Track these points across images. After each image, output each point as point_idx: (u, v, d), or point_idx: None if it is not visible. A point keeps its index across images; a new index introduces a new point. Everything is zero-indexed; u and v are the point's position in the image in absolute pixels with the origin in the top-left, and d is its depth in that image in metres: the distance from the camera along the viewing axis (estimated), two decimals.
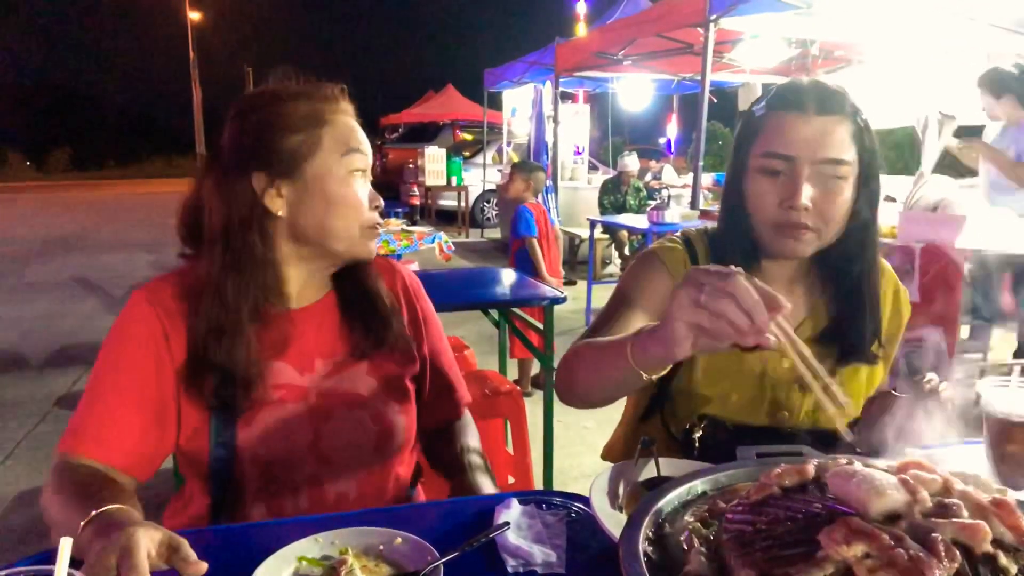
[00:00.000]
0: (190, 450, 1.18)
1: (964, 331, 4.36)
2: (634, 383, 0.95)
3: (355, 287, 1.29)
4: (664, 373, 0.94)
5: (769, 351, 1.23)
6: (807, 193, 1.16)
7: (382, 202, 1.24)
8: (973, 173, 4.35)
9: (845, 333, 1.28)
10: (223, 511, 1.19)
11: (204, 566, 0.80)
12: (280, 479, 1.19)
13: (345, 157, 1.17)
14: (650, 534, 0.73)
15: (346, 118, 1.21)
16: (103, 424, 1.10)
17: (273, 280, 1.19)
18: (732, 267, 0.79)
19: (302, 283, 1.24)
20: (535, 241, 4.57)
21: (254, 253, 1.15)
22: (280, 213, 1.16)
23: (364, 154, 1.20)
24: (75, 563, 0.71)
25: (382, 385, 1.27)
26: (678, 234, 1.39)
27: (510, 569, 0.92)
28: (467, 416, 1.46)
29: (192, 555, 0.80)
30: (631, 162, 8.09)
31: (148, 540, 0.79)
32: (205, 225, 1.16)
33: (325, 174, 1.16)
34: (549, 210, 5.10)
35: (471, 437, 1.41)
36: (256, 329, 1.16)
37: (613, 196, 8.08)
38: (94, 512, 0.90)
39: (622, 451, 1.48)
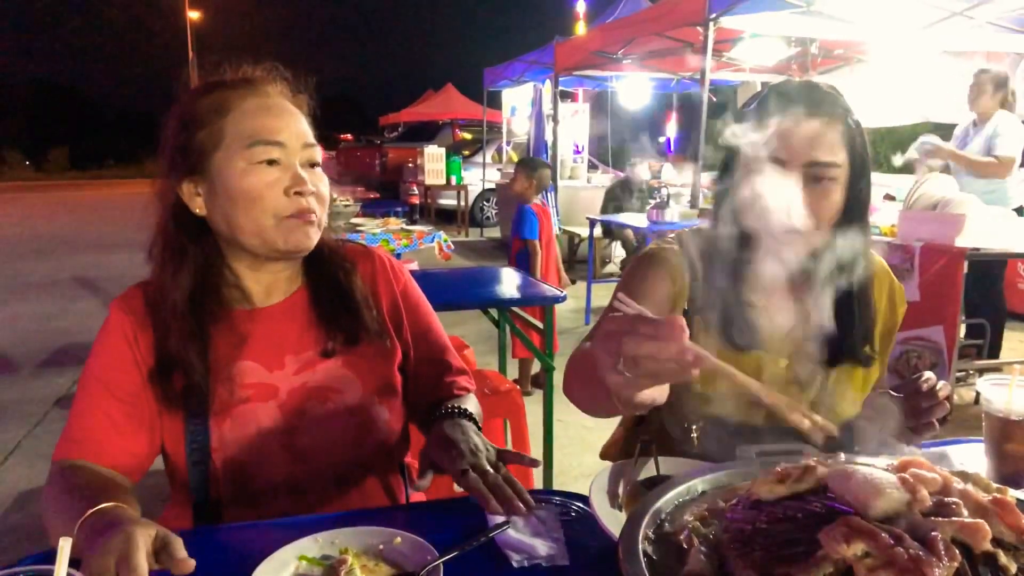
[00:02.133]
0: (170, 455, 1.19)
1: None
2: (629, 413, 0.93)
3: (325, 282, 1.26)
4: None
5: (759, 355, 1.25)
6: (797, 196, 1.17)
7: (309, 187, 1.14)
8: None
9: (837, 334, 1.28)
10: (204, 518, 1.18)
11: (192, 563, 0.79)
12: (257, 480, 1.18)
13: (249, 149, 1.11)
14: (650, 533, 0.73)
15: (258, 101, 1.14)
16: (93, 427, 1.11)
17: (218, 280, 1.18)
18: (622, 304, 0.78)
19: (262, 281, 1.22)
20: (537, 244, 4.55)
21: (186, 254, 1.15)
22: (199, 211, 1.15)
23: (274, 144, 1.12)
24: (75, 563, 0.71)
25: (360, 378, 1.24)
26: (672, 235, 1.39)
27: (515, 564, 0.92)
28: (468, 396, 1.35)
29: (181, 551, 0.80)
30: (642, 171, 8.11)
31: (145, 540, 0.79)
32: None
33: (225, 167, 1.12)
34: (552, 211, 5.09)
35: (468, 403, 1.28)
36: (215, 329, 1.16)
37: (619, 201, 8.08)
38: (89, 511, 0.90)
39: (621, 450, 1.48)
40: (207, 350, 1.15)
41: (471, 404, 1.29)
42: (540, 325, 3.10)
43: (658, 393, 0.78)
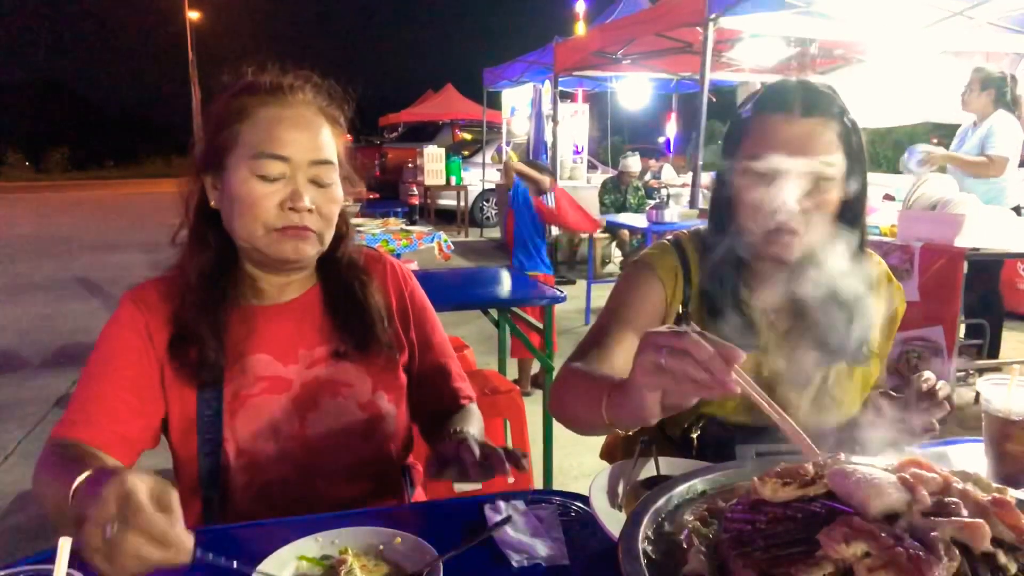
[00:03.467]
0: (180, 450, 1.20)
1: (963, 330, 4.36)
2: (615, 431, 0.95)
3: (340, 289, 1.28)
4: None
5: (756, 355, 1.25)
6: (794, 196, 1.17)
7: (304, 204, 1.14)
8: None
9: (834, 333, 1.28)
10: (214, 510, 1.20)
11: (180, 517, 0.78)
12: (267, 471, 1.20)
13: (253, 160, 1.13)
14: (649, 533, 0.73)
15: (276, 112, 1.15)
16: (89, 407, 1.13)
17: (234, 269, 1.22)
18: (686, 326, 0.81)
19: (274, 282, 1.25)
20: (536, 201, 4.61)
21: (206, 239, 1.20)
22: (213, 204, 1.19)
23: (277, 158, 1.13)
24: (75, 563, 0.71)
25: (370, 374, 1.27)
26: (669, 237, 1.39)
27: (515, 563, 0.92)
28: (471, 407, 1.39)
29: (176, 504, 0.78)
30: (633, 162, 8.11)
31: (143, 483, 0.77)
32: None
33: (232, 170, 1.15)
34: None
35: (471, 424, 1.29)
36: (229, 315, 1.19)
37: (614, 195, 8.10)
38: (83, 475, 0.89)
39: (621, 451, 1.48)
40: (221, 328, 1.18)
41: (475, 425, 1.30)
42: (540, 325, 3.10)
43: (654, 408, 0.80)
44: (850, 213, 1.23)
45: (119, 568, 0.74)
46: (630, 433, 0.94)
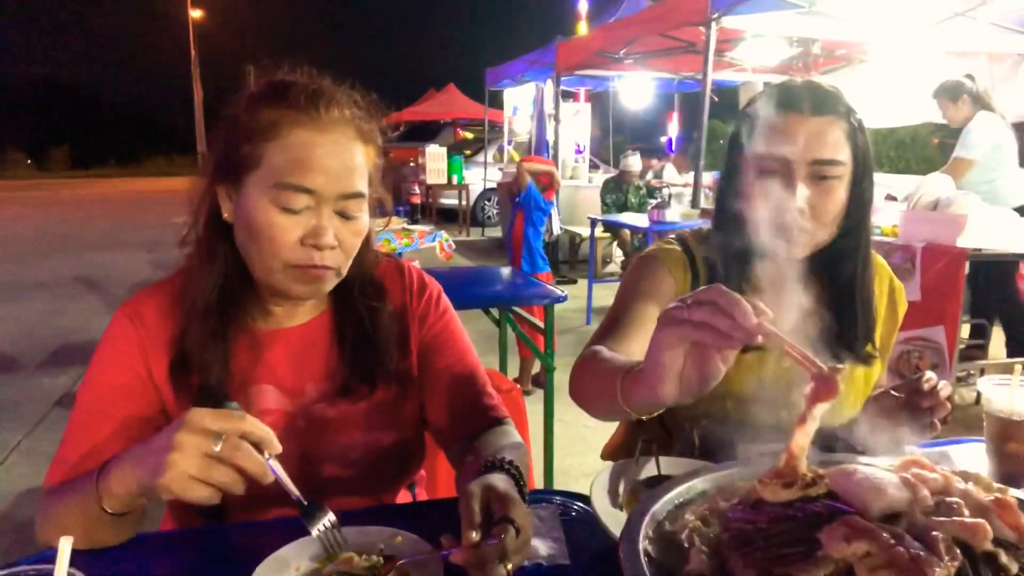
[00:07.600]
0: None
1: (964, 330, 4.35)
2: (629, 416, 0.93)
3: (349, 313, 1.19)
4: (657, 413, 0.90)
5: (760, 354, 1.25)
6: (802, 194, 1.17)
7: (328, 240, 1.04)
8: None
9: (838, 333, 1.28)
10: (208, 518, 1.16)
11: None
12: (267, 506, 1.13)
13: (275, 189, 1.03)
14: (650, 533, 0.73)
15: (308, 136, 1.04)
16: (88, 453, 1.05)
17: (244, 289, 1.13)
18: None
19: (284, 304, 1.16)
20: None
21: (216, 253, 1.10)
22: (227, 217, 1.09)
23: (302, 191, 1.03)
24: (75, 563, 0.71)
25: (380, 414, 1.20)
26: (673, 236, 1.39)
27: None
28: (506, 426, 1.26)
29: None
30: (634, 162, 8.09)
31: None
32: None
33: (252, 193, 1.05)
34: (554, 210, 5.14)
35: (504, 440, 1.17)
36: (236, 339, 1.12)
37: (615, 195, 8.09)
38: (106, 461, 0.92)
39: (622, 450, 1.48)
40: (228, 356, 1.11)
41: (518, 453, 1.12)
42: (541, 324, 3.10)
43: (671, 379, 0.78)
44: (856, 212, 1.23)
45: (219, 482, 0.82)
46: (643, 418, 0.91)
